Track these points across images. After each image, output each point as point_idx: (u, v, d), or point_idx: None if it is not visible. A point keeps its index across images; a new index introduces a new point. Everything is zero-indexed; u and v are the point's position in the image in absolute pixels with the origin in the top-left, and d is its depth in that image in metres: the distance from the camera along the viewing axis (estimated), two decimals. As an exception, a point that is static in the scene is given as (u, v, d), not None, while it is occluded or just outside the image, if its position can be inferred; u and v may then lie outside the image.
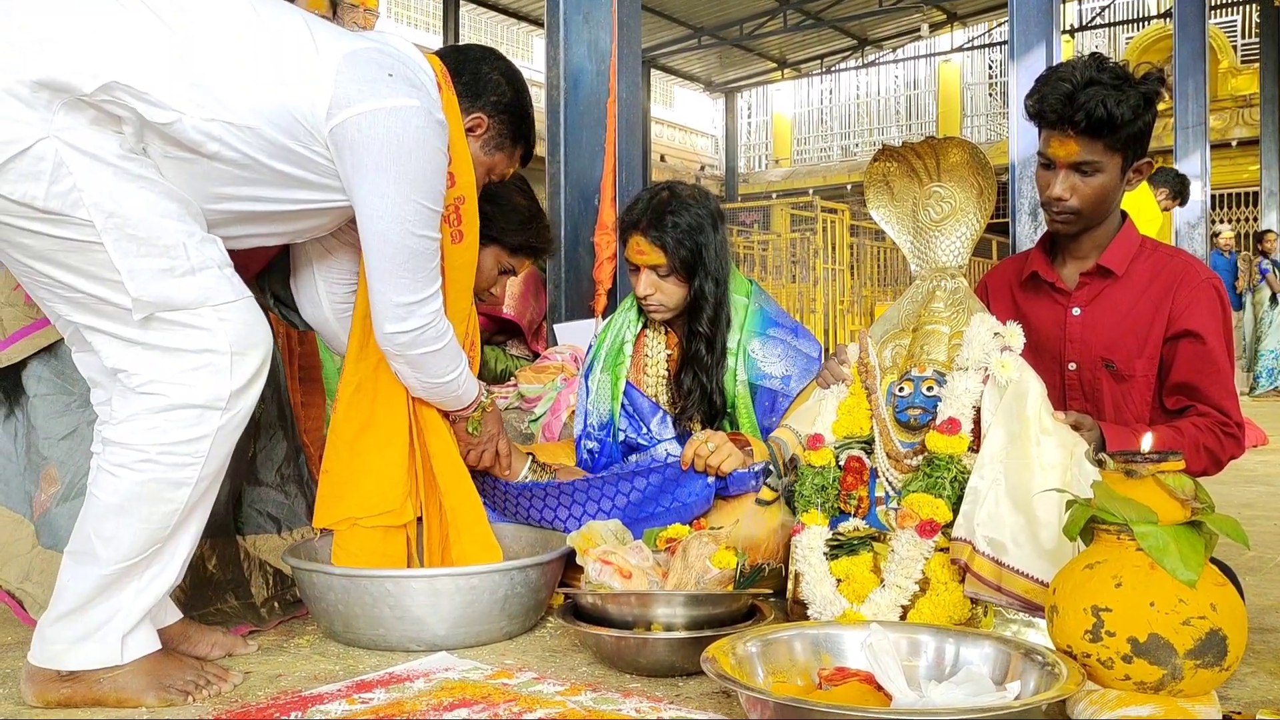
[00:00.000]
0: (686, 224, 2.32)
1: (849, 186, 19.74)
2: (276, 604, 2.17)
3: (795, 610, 2.01)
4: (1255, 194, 15.63)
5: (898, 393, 2.07)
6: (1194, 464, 1.97)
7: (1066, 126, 2.00)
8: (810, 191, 18.52)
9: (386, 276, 1.83)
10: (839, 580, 1.96)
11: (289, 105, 1.68)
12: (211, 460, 1.66)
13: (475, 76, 2.04)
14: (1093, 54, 2.06)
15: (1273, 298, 10.61)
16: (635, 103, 3.80)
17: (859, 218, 13.13)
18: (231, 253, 1.75)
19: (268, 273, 2.18)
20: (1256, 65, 15.49)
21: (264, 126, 1.66)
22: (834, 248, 11.64)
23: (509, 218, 2.31)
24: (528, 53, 19.03)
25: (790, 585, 2.03)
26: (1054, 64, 7.26)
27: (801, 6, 17.10)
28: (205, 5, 1.68)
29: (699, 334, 2.37)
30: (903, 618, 1.86)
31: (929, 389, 2.02)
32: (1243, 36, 18.00)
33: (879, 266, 13.74)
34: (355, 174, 1.76)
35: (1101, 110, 1.96)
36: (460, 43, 2.23)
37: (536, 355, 3.84)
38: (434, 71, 1.94)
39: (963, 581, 1.83)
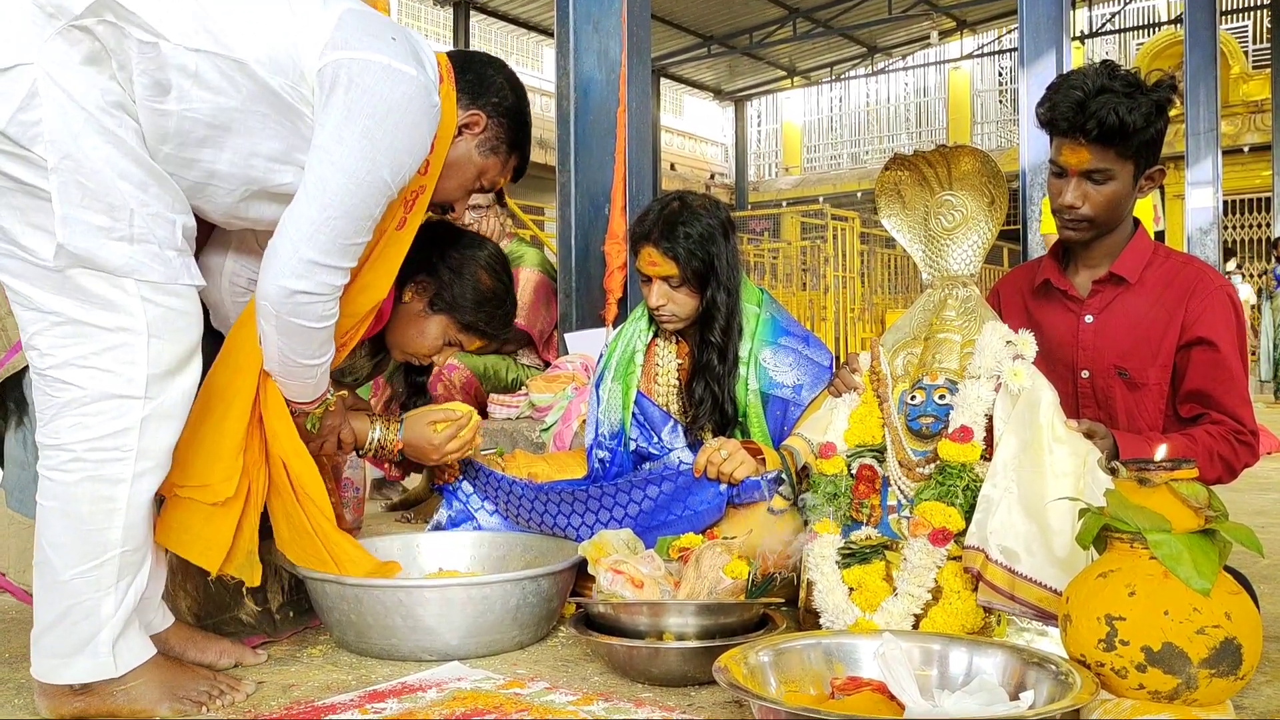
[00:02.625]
0: (698, 234, 2.32)
1: (859, 194, 19.73)
2: (291, 611, 2.17)
3: (808, 619, 2.01)
4: (1268, 199, 15.57)
5: (910, 401, 2.06)
6: (1208, 472, 1.96)
7: (1078, 134, 1.99)
8: (820, 199, 18.54)
9: (308, 225, 1.71)
10: (851, 589, 1.95)
11: (283, 41, 1.66)
12: (145, 455, 1.60)
13: (480, 77, 2.02)
14: (1104, 61, 2.06)
15: (1287, 301, 10.58)
16: (645, 112, 3.81)
17: (869, 225, 13.13)
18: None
19: None
20: (1268, 70, 15.44)
21: (252, 63, 1.63)
22: (844, 255, 11.66)
23: (469, 293, 2.21)
24: (537, 63, 19.09)
25: (803, 594, 2.03)
26: (1064, 71, 7.27)
27: (811, 15, 17.12)
28: None
29: (711, 343, 2.37)
30: (915, 626, 1.85)
31: (941, 397, 2.02)
32: (1254, 42, 17.94)
33: (890, 274, 13.73)
34: (327, 115, 1.69)
35: (1113, 118, 1.95)
36: (467, 49, 2.21)
37: (548, 364, 3.85)
38: (439, 64, 1.92)
39: (975, 590, 1.83)
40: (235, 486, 1.85)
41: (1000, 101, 20.79)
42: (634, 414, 2.48)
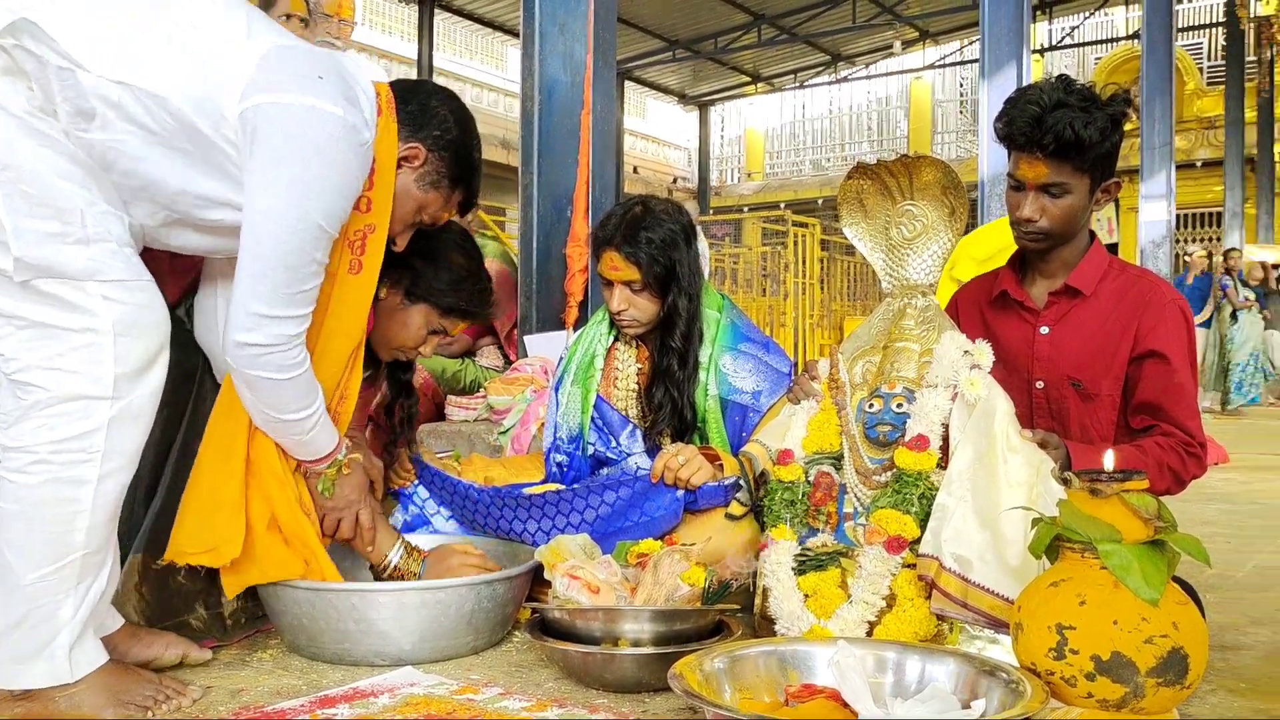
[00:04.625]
0: (660, 239, 2.32)
1: (820, 201, 19.85)
2: (244, 617, 2.14)
3: (763, 625, 2.01)
4: (1219, 214, 15.87)
5: (868, 409, 2.07)
6: (1157, 483, 1.98)
7: (1035, 149, 2.02)
8: (782, 205, 18.63)
9: (249, 279, 1.68)
10: (807, 595, 1.96)
11: (205, 79, 1.61)
12: (111, 456, 1.58)
13: (422, 108, 1.94)
14: (1060, 76, 2.08)
15: (1233, 314, 10.76)
16: (609, 115, 3.80)
17: (830, 232, 13.21)
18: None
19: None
20: (1222, 87, 15.74)
21: (175, 98, 1.59)
22: (805, 262, 11.71)
23: (443, 276, 2.17)
24: (502, 62, 19.03)
25: (758, 600, 2.03)
26: (1024, 84, 7.35)
27: (775, 21, 17.20)
28: None
29: (671, 349, 2.37)
30: (870, 633, 1.86)
31: (898, 406, 2.03)
32: (1209, 59, 18.28)
33: (849, 281, 13.83)
34: (252, 162, 1.65)
35: (1069, 132, 1.98)
36: (415, 79, 2.14)
37: (509, 361, 3.83)
38: (376, 95, 1.86)
39: (929, 598, 1.84)
40: (241, 545, 1.86)
41: (961, 112, 21.01)
42: (593, 418, 2.47)
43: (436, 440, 3.47)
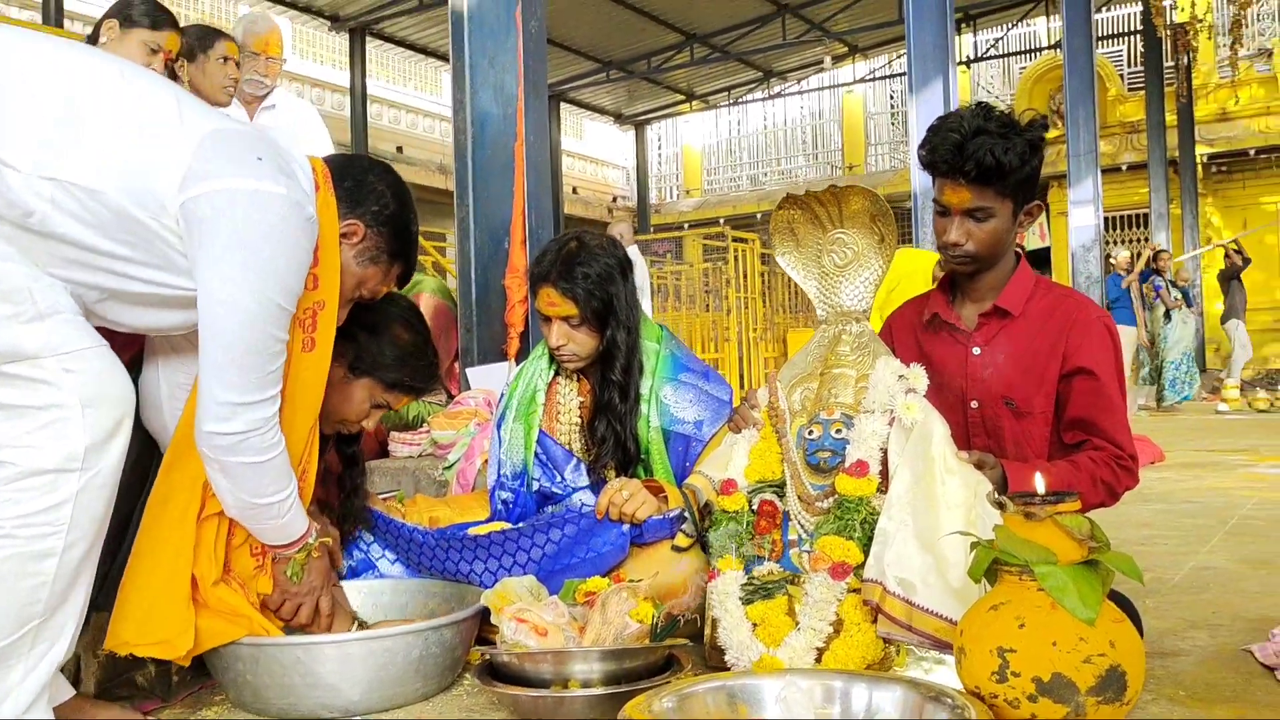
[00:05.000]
0: (597, 274, 2.33)
1: (759, 215, 20.02)
2: (188, 674, 2.10)
3: (713, 656, 2.02)
4: (1146, 215, 16.25)
5: (807, 436, 2.10)
6: (1092, 497, 2.03)
7: (958, 175, 2.06)
8: (721, 221, 18.75)
9: (216, 370, 1.67)
10: (755, 624, 1.97)
11: (142, 171, 1.61)
12: (77, 526, 1.56)
13: (359, 184, 1.93)
14: (980, 104, 2.13)
15: (1166, 313, 11.03)
16: (543, 145, 3.81)
17: (770, 246, 13.30)
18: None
19: None
20: (1143, 93, 16.15)
21: (110, 191, 1.58)
22: (746, 276, 11.80)
23: (388, 352, 2.13)
24: (436, 88, 18.97)
25: (708, 631, 2.04)
26: (951, 96, 7.45)
27: (707, 40, 17.35)
28: (69, 65, 1.63)
29: (612, 382, 2.37)
30: (818, 659, 1.88)
31: (837, 431, 2.06)
32: (1128, 65, 18.73)
33: (790, 294, 13.94)
34: (201, 253, 1.63)
35: (990, 159, 2.02)
36: (349, 153, 2.10)
37: (451, 396, 3.81)
38: (313, 170, 1.86)
39: (875, 622, 1.86)
40: (193, 638, 1.81)
41: (892, 123, 21.32)
42: (536, 454, 2.47)
43: (381, 477, 3.44)
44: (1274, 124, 16.41)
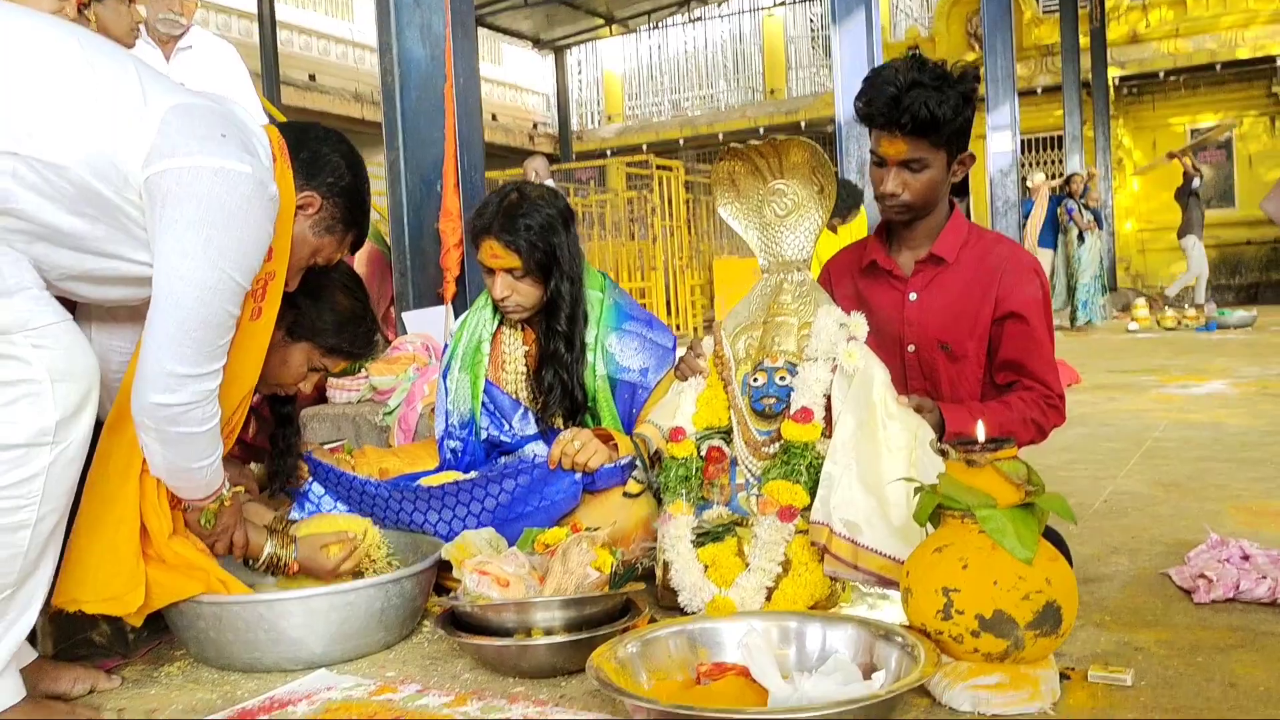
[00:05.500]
0: (539, 225, 2.35)
1: (681, 141, 19.94)
2: (145, 630, 2.12)
3: (665, 596, 2.09)
4: (1060, 138, 16.55)
5: (752, 383, 2.16)
6: (1023, 435, 2.14)
7: (894, 128, 2.11)
8: (644, 148, 18.62)
9: (168, 342, 1.68)
10: (706, 566, 2.05)
11: (105, 146, 1.60)
12: (49, 498, 1.59)
13: (315, 155, 1.95)
14: (913, 55, 2.17)
15: (1080, 235, 11.34)
16: (473, 87, 3.77)
17: (693, 173, 13.31)
18: None
19: None
20: (1057, 15, 16.35)
21: (74, 166, 1.58)
22: (671, 204, 11.81)
23: (327, 317, 2.17)
24: (348, 13, 18.37)
25: (660, 573, 2.11)
26: (872, 24, 7.46)
27: (627, -38, 17.10)
28: (29, 42, 1.61)
29: (558, 332, 2.40)
30: (768, 598, 1.97)
31: (781, 379, 2.12)
32: (1043, -13, 18.89)
33: (715, 221, 13.99)
34: (163, 228, 1.64)
35: (925, 112, 2.07)
36: (300, 122, 2.11)
37: (387, 341, 3.80)
38: (270, 142, 1.86)
39: (822, 561, 1.95)
40: (144, 593, 1.84)
41: (813, 47, 21.27)
42: (484, 403, 2.50)
43: (321, 424, 3.44)
44: (1183, 46, 16.73)
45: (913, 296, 2.27)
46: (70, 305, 1.85)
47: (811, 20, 20.96)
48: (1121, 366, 7.20)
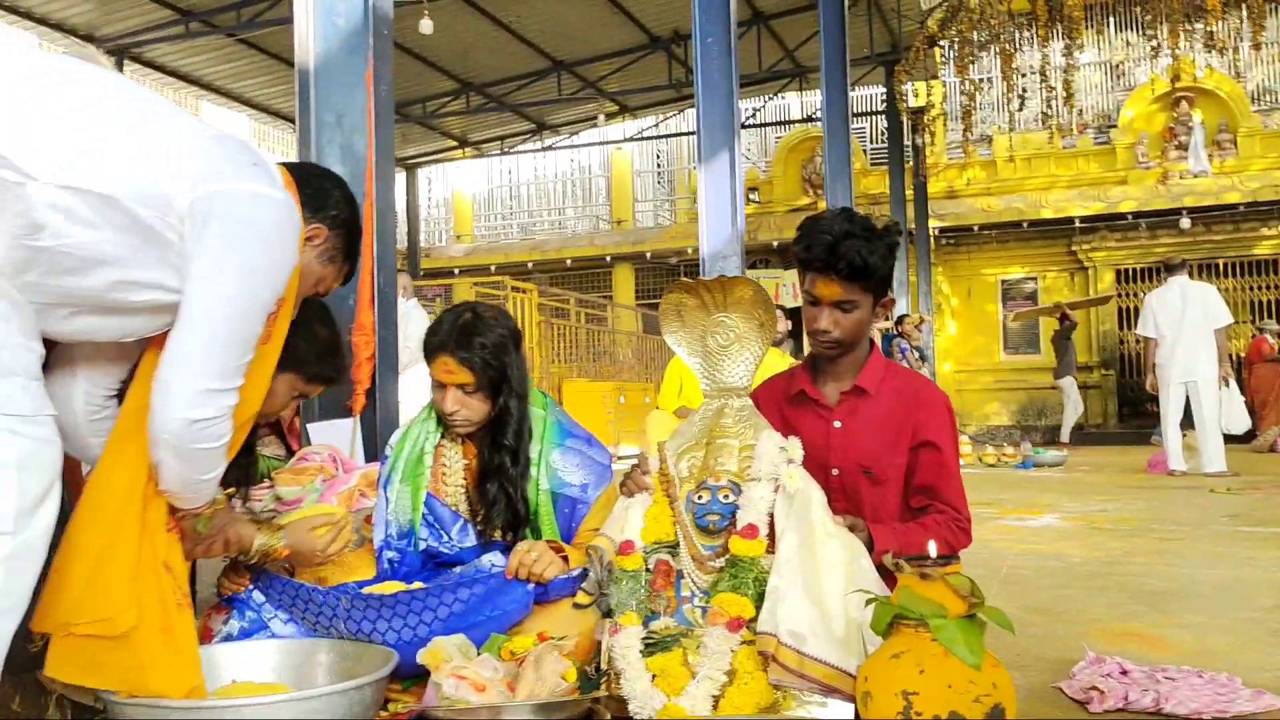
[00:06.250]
0: (493, 344, 2.47)
1: (530, 264, 20.29)
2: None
3: (611, 705, 2.18)
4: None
5: (696, 500, 2.31)
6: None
7: (830, 272, 2.36)
8: (492, 268, 18.88)
9: (195, 357, 1.75)
10: (654, 675, 2.16)
11: (149, 176, 1.68)
12: (7, 594, 1.56)
13: (318, 190, 2.11)
14: (843, 209, 2.45)
15: (910, 374, 12.10)
16: (390, 207, 3.87)
17: (545, 295, 13.57)
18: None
19: None
20: (885, 168, 17.63)
21: (122, 198, 1.64)
22: (524, 325, 12.00)
23: (309, 347, 2.29)
24: (196, 115, 18.14)
25: (609, 682, 2.20)
26: (735, 163, 7.95)
27: (484, 90, 17.56)
28: (80, 82, 1.71)
29: (504, 446, 2.51)
30: (715, 706, 2.09)
31: (725, 497, 2.29)
32: (871, 142, 20.36)
33: (566, 345, 14.24)
34: (200, 247, 1.73)
35: (859, 259, 2.33)
36: (295, 161, 2.27)
37: (291, 453, 3.78)
38: (280, 176, 1.98)
39: (766, 670, 2.09)
40: (137, 614, 1.80)
41: (658, 182, 22.18)
42: (424, 514, 2.56)
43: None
44: (993, 204, 18.25)
45: (837, 424, 2.49)
46: (46, 344, 1.86)
47: (658, 156, 21.88)
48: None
